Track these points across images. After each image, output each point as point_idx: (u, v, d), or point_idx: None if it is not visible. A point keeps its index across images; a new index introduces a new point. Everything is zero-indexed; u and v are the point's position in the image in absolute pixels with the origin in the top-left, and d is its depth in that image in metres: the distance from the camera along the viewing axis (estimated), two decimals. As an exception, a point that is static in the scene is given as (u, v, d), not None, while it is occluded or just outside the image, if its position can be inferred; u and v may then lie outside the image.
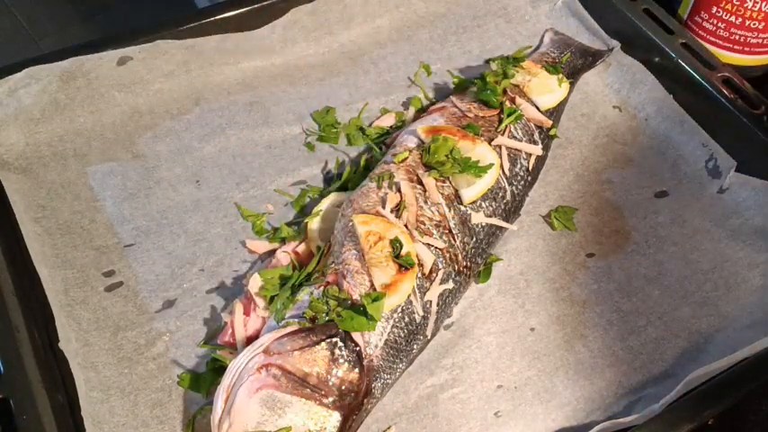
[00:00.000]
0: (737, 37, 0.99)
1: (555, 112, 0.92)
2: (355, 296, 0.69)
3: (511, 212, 0.83)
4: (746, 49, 1.00)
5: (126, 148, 0.89)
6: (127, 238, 0.81)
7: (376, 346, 0.68)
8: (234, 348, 0.71)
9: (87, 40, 0.92)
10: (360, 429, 0.68)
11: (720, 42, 1.01)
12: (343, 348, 0.66)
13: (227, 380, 0.64)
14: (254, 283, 0.73)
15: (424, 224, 0.75)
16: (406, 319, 0.70)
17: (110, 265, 0.79)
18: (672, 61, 0.95)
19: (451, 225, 0.76)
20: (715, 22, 0.99)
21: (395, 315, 0.70)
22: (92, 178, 0.86)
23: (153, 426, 0.69)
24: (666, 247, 0.84)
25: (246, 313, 0.72)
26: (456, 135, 0.81)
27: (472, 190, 0.78)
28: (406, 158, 0.80)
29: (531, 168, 0.85)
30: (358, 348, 0.66)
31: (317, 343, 0.65)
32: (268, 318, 0.71)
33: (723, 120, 0.90)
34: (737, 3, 0.95)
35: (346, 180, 0.86)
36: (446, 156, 0.79)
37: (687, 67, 0.93)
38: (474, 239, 0.78)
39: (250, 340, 0.70)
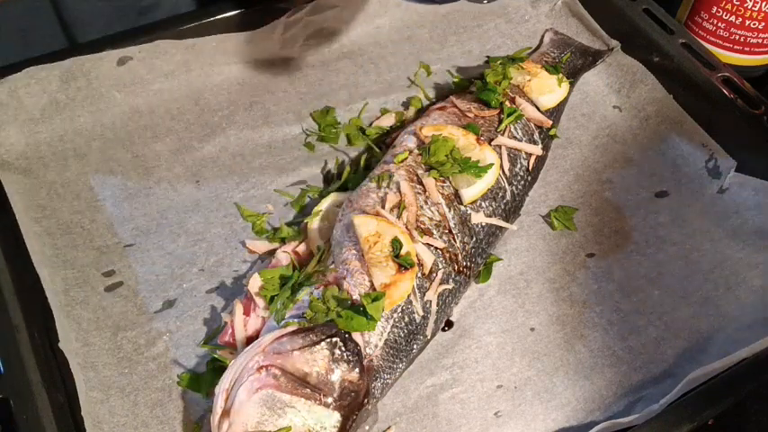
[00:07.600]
0: (737, 37, 0.99)
1: (555, 112, 0.91)
2: (355, 296, 0.69)
3: (511, 212, 0.83)
4: (746, 49, 1.00)
5: (126, 147, 0.89)
6: (127, 238, 0.81)
7: (376, 346, 0.68)
8: (234, 348, 0.71)
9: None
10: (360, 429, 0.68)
11: (720, 42, 1.01)
12: (342, 348, 0.66)
13: (226, 380, 0.64)
14: (254, 283, 0.73)
15: (424, 224, 0.75)
16: (406, 319, 0.70)
17: (110, 265, 0.79)
18: (672, 61, 0.95)
19: (451, 225, 0.76)
20: (715, 22, 0.99)
21: (395, 315, 0.70)
22: (92, 178, 0.86)
23: (153, 426, 0.69)
24: (666, 247, 0.84)
25: (246, 313, 0.72)
26: (456, 135, 0.81)
27: (472, 190, 0.78)
28: (405, 158, 0.80)
29: (530, 168, 0.85)
30: (358, 348, 0.66)
31: (317, 343, 0.65)
32: (268, 318, 0.71)
33: (723, 120, 0.90)
34: (737, 3, 0.95)
35: (346, 180, 0.86)
36: (446, 156, 0.79)
37: (687, 67, 0.93)
38: (474, 239, 0.78)
39: (250, 340, 0.70)
